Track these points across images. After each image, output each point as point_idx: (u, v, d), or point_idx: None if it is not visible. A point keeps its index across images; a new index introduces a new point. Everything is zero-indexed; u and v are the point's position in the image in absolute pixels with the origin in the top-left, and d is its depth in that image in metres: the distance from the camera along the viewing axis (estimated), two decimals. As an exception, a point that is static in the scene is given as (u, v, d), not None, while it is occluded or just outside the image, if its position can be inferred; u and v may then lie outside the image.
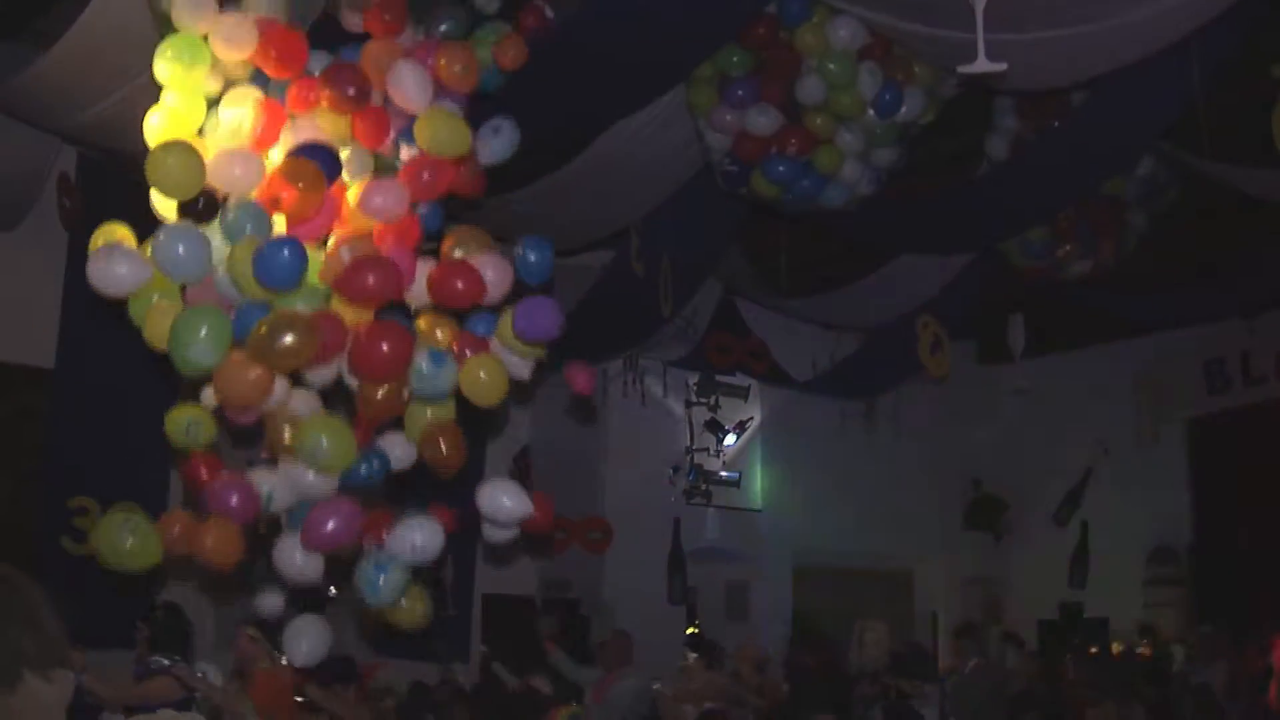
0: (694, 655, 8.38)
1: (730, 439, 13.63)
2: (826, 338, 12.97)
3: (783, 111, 7.96)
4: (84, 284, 8.91)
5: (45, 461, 8.76)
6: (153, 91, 5.57)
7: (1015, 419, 15.53)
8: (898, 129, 8.15)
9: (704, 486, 13.41)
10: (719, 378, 13.22)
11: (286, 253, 5.14)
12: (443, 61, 6.03)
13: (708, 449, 13.51)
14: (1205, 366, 14.18)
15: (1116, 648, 13.11)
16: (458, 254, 5.89)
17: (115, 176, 8.45)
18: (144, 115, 5.61)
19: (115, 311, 8.85)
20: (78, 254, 8.91)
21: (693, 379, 13.25)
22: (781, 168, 8.20)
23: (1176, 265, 11.46)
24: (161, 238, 5.31)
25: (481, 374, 5.83)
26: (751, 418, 13.99)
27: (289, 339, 5.07)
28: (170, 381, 9.10)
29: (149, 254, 5.37)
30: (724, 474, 13.67)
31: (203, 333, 5.17)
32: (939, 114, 8.28)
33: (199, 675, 6.34)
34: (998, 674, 10.10)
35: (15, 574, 4.32)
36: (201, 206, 5.39)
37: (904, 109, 7.93)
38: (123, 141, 8.16)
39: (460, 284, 5.72)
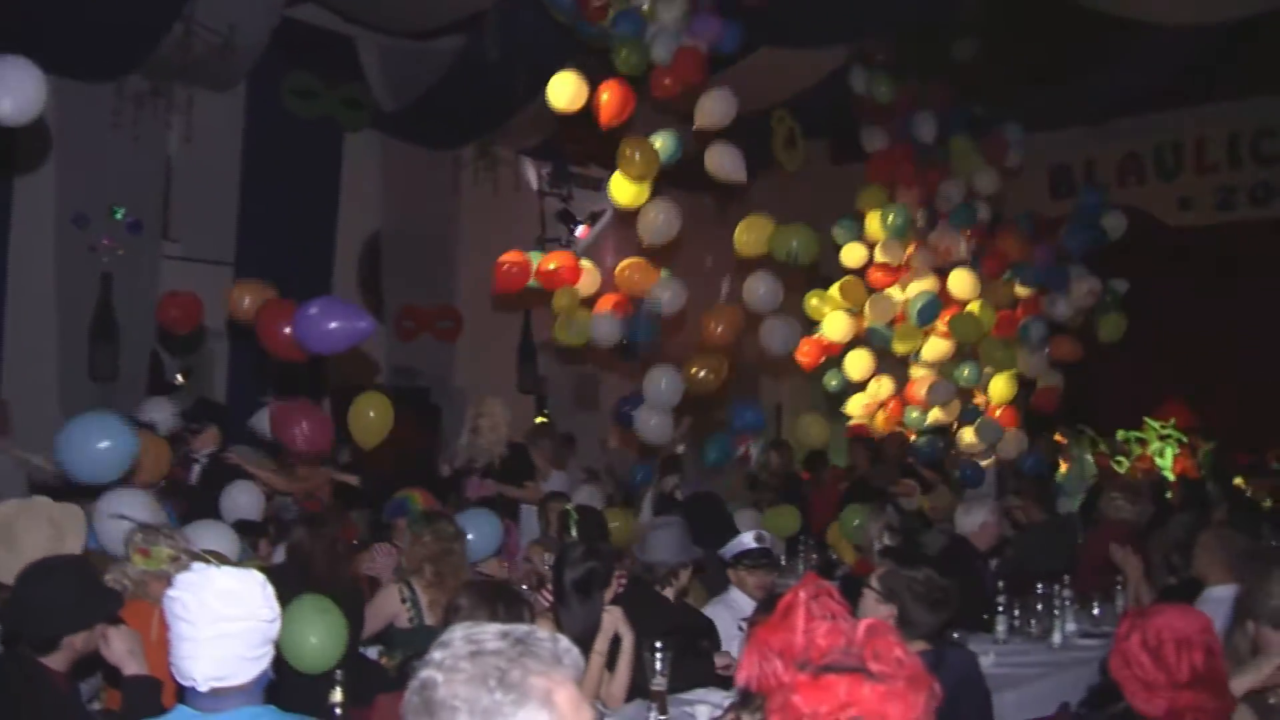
0: None
1: (582, 230, 13.57)
2: (682, 130, 12.82)
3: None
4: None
5: None
6: None
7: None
8: None
9: (556, 277, 13.37)
10: (572, 168, 13.09)
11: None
12: None
13: (559, 239, 13.45)
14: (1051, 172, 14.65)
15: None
16: None
17: None
18: None
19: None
20: None
21: (546, 168, 13.09)
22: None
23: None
24: None
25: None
26: (604, 209, 13.92)
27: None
28: None
29: None
30: (576, 264, 13.64)
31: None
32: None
33: None
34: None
35: None
36: None
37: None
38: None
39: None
